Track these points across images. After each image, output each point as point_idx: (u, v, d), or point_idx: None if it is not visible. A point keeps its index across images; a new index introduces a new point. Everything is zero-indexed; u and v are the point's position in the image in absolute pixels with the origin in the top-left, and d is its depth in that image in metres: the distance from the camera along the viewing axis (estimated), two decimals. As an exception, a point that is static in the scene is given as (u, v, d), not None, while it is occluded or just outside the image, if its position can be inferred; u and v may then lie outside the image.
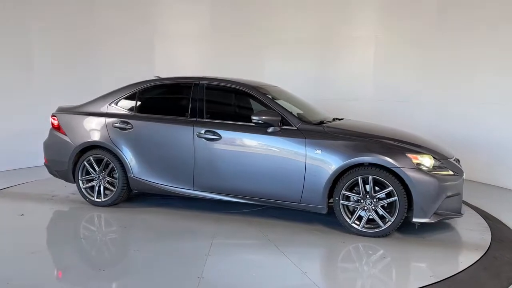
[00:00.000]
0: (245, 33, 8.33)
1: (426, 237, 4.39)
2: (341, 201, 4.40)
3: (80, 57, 7.95)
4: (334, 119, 5.24)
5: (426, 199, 4.20)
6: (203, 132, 4.81)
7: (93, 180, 5.29)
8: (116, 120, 5.19)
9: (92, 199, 5.29)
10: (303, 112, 5.09)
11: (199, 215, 5.00)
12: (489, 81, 6.57)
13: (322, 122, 4.87)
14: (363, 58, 7.92)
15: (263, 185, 4.66)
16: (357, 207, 4.38)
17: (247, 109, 5.24)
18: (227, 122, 4.83)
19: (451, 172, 4.40)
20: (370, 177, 4.28)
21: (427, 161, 4.32)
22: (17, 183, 6.43)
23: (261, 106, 4.86)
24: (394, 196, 4.23)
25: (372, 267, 3.82)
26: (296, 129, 4.59)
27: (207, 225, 4.67)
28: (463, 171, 4.58)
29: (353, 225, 4.40)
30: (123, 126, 5.14)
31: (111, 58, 8.17)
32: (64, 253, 4.02)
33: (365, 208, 4.34)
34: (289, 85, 6.09)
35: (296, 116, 4.75)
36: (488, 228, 4.67)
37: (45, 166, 5.68)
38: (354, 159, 4.31)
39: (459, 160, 4.72)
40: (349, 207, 4.43)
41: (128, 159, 5.10)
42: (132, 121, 5.12)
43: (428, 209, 4.22)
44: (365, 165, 4.34)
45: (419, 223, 4.31)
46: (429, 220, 4.25)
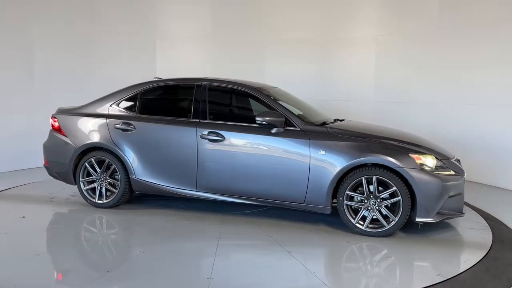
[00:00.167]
0: (245, 34, 8.36)
1: (429, 236, 4.44)
2: (345, 201, 4.43)
3: (80, 58, 7.93)
4: (335, 120, 5.27)
5: (430, 199, 4.25)
6: (206, 133, 4.81)
7: (94, 181, 5.26)
8: (118, 122, 5.16)
9: (94, 201, 5.26)
10: (303, 113, 5.11)
11: (202, 216, 5.00)
12: (490, 82, 6.59)
13: (325, 123, 4.91)
14: (363, 58, 7.95)
15: (267, 186, 4.67)
16: (361, 207, 4.41)
17: (250, 110, 5.26)
18: (230, 123, 4.84)
19: (452, 172, 4.46)
20: (374, 178, 4.32)
21: (430, 161, 4.37)
22: (15, 185, 6.38)
23: (263, 107, 4.88)
24: (397, 196, 4.27)
25: (378, 267, 3.84)
26: (299, 130, 4.61)
27: (211, 226, 4.68)
28: (464, 171, 4.64)
29: (357, 225, 4.43)
30: (125, 127, 5.12)
31: (112, 59, 8.16)
32: (69, 255, 3.99)
33: (369, 208, 4.38)
34: (289, 86, 6.12)
35: (299, 117, 4.77)
36: (489, 229, 4.70)
37: (45, 168, 5.63)
38: (358, 159, 4.35)
39: (459, 160, 4.78)
40: (353, 207, 4.46)
41: (130, 160, 5.08)
42: (134, 122, 5.11)
43: (431, 208, 4.27)
44: (368, 165, 4.38)
45: (422, 222, 4.35)
46: (432, 219, 4.30)
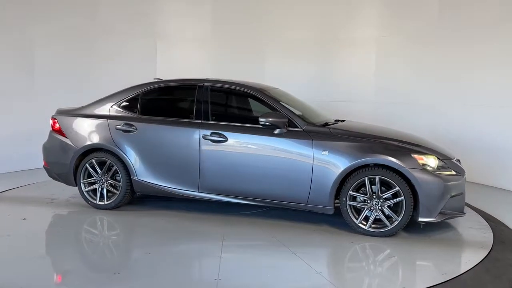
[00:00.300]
0: (245, 34, 8.37)
1: (431, 236, 4.48)
2: (348, 202, 4.46)
3: (81, 58, 7.90)
4: (335, 120, 5.29)
5: (432, 199, 4.29)
6: (209, 134, 4.82)
7: (95, 183, 5.24)
8: (119, 122, 5.15)
9: (95, 202, 5.23)
10: (302, 113, 5.12)
11: (204, 217, 5.00)
12: (491, 83, 6.61)
13: (327, 123, 4.93)
14: (364, 59, 7.97)
15: (270, 186, 4.69)
16: (363, 208, 4.44)
17: (252, 111, 5.27)
18: (233, 124, 4.84)
19: (454, 172, 4.50)
20: (377, 178, 4.35)
21: (432, 161, 4.41)
22: (13, 186, 6.33)
23: (265, 108, 4.88)
24: (400, 196, 4.31)
25: (381, 267, 3.88)
26: (302, 130, 4.63)
27: (214, 227, 4.68)
28: (465, 171, 4.68)
29: (360, 225, 4.46)
30: (126, 128, 5.10)
31: (112, 59, 8.13)
32: (74, 257, 3.98)
33: (372, 208, 4.41)
34: (289, 86, 6.12)
35: (301, 117, 4.79)
36: (490, 229, 4.71)
37: (45, 169, 5.60)
38: (362, 160, 4.37)
39: (459, 161, 4.83)
40: (356, 208, 4.49)
41: (132, 161, 5.06)
42: (136, 123, 5.10)
43: (434, 208, 4.31)
44: (370, 166, 4.41)
45: (424, 222, 4.39)
46: (435, 219, 4.34)
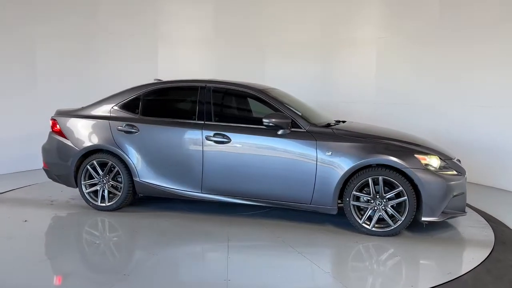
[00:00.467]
0: (246, 34, 8.38)
1: (434, 235, 4.53)
2: (351, 202, 4.50)
3: (82, 59, 7.88)
4: (336, 121, 5.32)
5: (435, 198, 4.34)
6: (212, 135, 4.82)
7: (96, 184, 5.21)
8: (121, 123, 5.13)
9: (96, 203, 5.21)
10: (304, 114, 5.13)
11: (206, 218, 5.00)
12: (491, 83, 6.64)
13: (329, 124, 4.97)
14: (364, 59, 7.98)
15: (273, 187, 4.70)
16: (367, 207, 4.48)
17: (254, 112, 5.28)
18: (236, 125, 4.85)
19: (455, 172, 4.56)
20: (380, 178, 4.39)
21: (435, 161, 4.47)
22: (12, 187, 6.28)
23: (267, 109, 4.90)
24: (403, 196, 4.35)
25: (386, 266, 3.92)
26: (305, 131, 4.66)
27: (218, 228, 4.68)
28: (465, 171, 4.74)
29: (364, 225, 4.50)
30: (128, 129, 5.09)
31: (113, 60, 8.11)
32: (79, 259, 3.97)
33: (375, 208, 4.45)
34: (290, 87, 6.14)
35: (305, 118, 4.82)
36: (491, 229, 4.74)
37: (44, 171, 5.56)
38: (365, 160, 4.41)
39: (460, 161, 4.89)
40: (359, 208, 4.53)
41: (133, 162, 5.05)
42: (137, 124, 5.08)
43: (437, 208, 4.36)
44: (373, 166, 4.45)
45: (427, 222, 4.44)
46: (437, 218, 4.39)
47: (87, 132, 5.24)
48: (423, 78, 7.43)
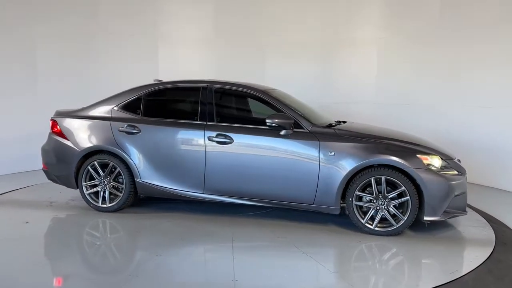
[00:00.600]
0: (246, 35, 8.37)
1: (436, 234, 4.57)
2: (354, 202, 4.52)
3: (82, 60, 7.85)
4: (336, 122, 5.34)
5: (437, 198, 4.38)
6: (214, 135, 4.82)
7: (97, 185, 5.18)
8: (122, 124, 5.11)
9: (97, 204, 5.18)
10: (304, 115, 5.15)
11: (208, 219, 4.99)
12: (491, 83, 6.66)
13: (331, 125, 4.99)
14: (364, 60, 8.00)
15: (276, 187, 4.71)
16: (369, 207, 4.51)
17: (256, 112, 5.28)
18: (239, 126, 4.85)
19: (456, 172, 4.60)
20: (383, 178, 4.42)
21: (436, 161, 4.50)
22: (10, 189, 6.22)
23: (269, 109, 4.90)
24: (406, 196, 4.39)
25: (390, 265, 3.95)
26: (308, 131, 4.67)
27: (221, 228, 4.68)
28: (466, 170, 4.78)
29: (367, 224, 4.52)
30: (130, 130, 5.07)
31: (114, 61, 8.09)
32: (84, 261, 3.95)
33: (378, 208, 4.48)
34: (290, 88, 6.15)
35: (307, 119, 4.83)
36: (492, 230, 4.77)
37: (44, 172, 5.52)
38: (368, 160, 4.44)
39: (460, 161, 4.93)
40: (362, 207, 4.55)
41: (135, 163, 5.03)
42: (139, 125, 5.06)
43: (439, 208, 4.40)
44: (375, 166, 4.48)
45: (429, 221, 4.47)
46: (439, 218, 4.43)
47: (88, 133, 5.21)
48: (423, 78, 7.44)
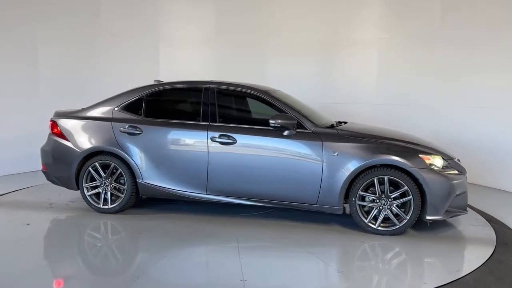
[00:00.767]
0: (247, 36, 8.38)
1: (437, 233, 4.62)
2: (357, 202, 4.55)
3: (83, 60, 7.82)
4: (338, 122, 5.37)
5: (439, 197, 4.43)
6: (217, 136, 4.82)
7: (98, 186, 5.16)
8: (124, 125, 5.08)
9: (98, 206, 5.15)
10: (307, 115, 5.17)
11: (211, 219, 4.99)
12: (492, 85, 6.69)
13: (333, 125, 5.02)
14: (365, 60, 8.02)
15: (279, 187, 4.73)
16: (372, 207, 4.54)
17: (258, 113, 5.29)
18: (242, 126, 4.86)
19: (457, 172, 4.66)
20: (386, 178, 4.46)
21: (438, 161, 4.55)
22: (8, 190, 6.16)
23: (270, 110, 4.92)
24: (408, 196, 4.43)
25: (397, 265, 3.98)
26: (311, 132, 4.69)
27: (224, 229, 4.68)
28: (466, 170, 4.84)
29: (370, 224, 4.56)
30: (131, 131, 5.04)
31: (114, 61, 8.05)
32: (89, 263, 3.93)
33: (381, 207, 4.51)
34: (290, 88, 6.16)
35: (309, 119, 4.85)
36: (493, 230, 4.80)
37: (43, 173, 5.47)
38: (371, 160, 4.47)
39: (459, 160, 4.99)
40: (365, 207, 4.59)
41: (137, 164, 5.01)
42: (141, 126, 5.04)
43: (441, 207, 4.45)
44: (377, 166, 4.52)
45: (431, 220, 4.52)
46: (441, 217, 4.48)
47: (88, 134, 5.18)
48: (423, 79, 7.47)
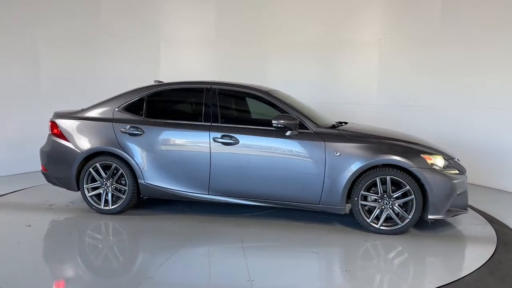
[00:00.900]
0: (247, 36, 8.41)
1: (439, 233, 4.66)
2: (359, 201, 4.58)
3: (83, 61, 7.79)
4: (338, 122, 5.39)
5: (441, 197, 4.47)
6: (219, 136, 4.82)
7: (99, 187, 5.13)
8: (125, 125, 5.07)
9: (99, 207, 5.12)
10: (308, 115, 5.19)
11: (211, 219, 4.99)
12: (493, 85, 6.73)
13: (334, 125, 5.04)
14: (365, 61, 8.05)
15: (282, 188, 4.74)
16: (375, 207, 4.57)
17: (260, 113, 5.30)
18: (244, 127, 4.86)
19: (457, 171, 4.71)
20: (388, 178, 4.49)
21: (440, 161, 4.60)
22: (7, 191, 6.11)
23: (271, 110, 4.93)
24: (410, 195, 4.47)
25: (398, 264, 4.01)
26: (313, 132, 4.71)
27: (227, 229, 4.69)
28: (466, 170, 4.89)
29: (372, 224, 4.59)
30: (133, 131, 5.03)
31: (115, 62, 8.04)
32: (95, 264, 3.91)
33: (383, 207, 4.54)
34: (291, 89, 6.19)
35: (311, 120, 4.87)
36: (492, 229, 4.84)
37: (43, 174, 5.43)
38: (374, 160, 4.50)
39: (459, 160, 5.04)
40: (367, 207, 4.61)
41: (139, 165, 4.99)
42: (142, 126, 5.03)
43: (442, 206, 4.49)
44: (379, 166, 4.55)
45: (433, 220, 4.56)
46: (443, 216, 4.53)
47: (89, 134, 5.15)
48: (423, 79, 7.51)
